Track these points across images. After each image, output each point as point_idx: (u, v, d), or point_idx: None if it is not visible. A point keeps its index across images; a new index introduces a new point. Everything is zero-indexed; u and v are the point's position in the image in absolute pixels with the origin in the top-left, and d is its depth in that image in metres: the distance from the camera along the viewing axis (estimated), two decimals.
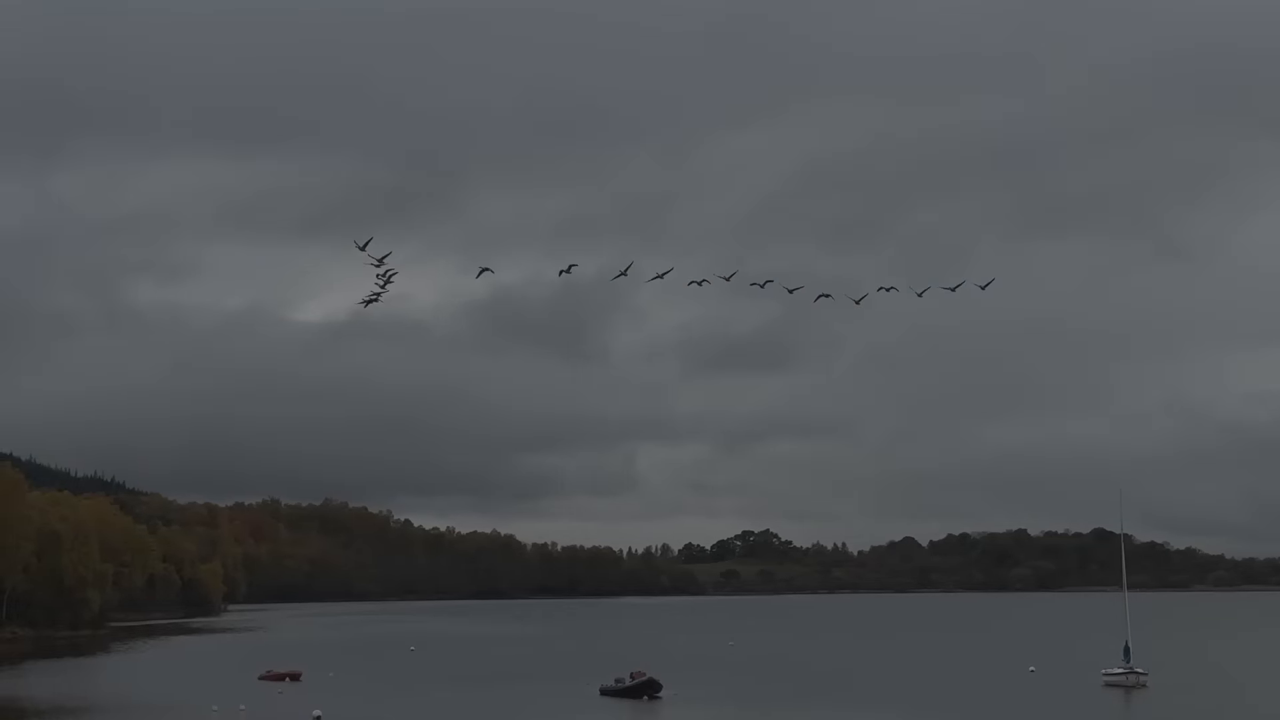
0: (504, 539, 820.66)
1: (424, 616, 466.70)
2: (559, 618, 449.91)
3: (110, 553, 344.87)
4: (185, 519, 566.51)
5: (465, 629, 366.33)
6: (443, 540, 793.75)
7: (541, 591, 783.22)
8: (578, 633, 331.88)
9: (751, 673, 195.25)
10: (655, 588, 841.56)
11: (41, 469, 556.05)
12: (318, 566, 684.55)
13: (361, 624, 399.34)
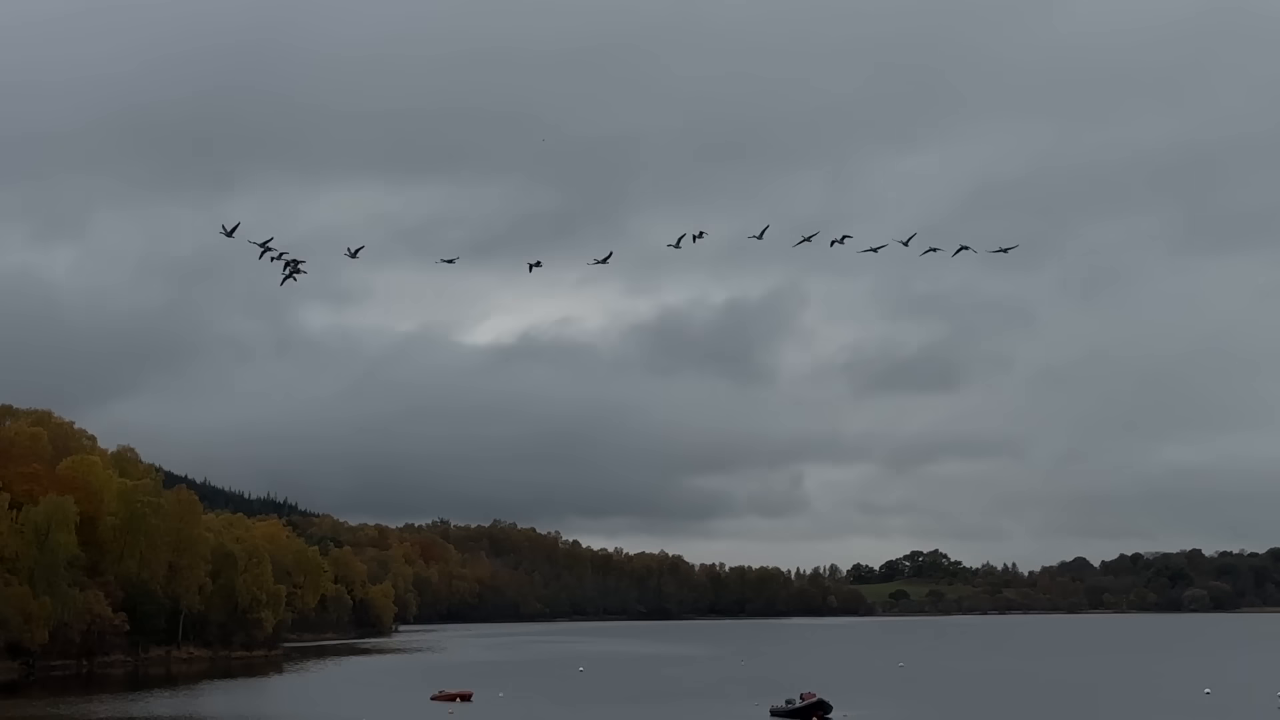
0: (672, 560, 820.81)
1: (592, 637, 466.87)
2: (727, 638, 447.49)
3: (283, 574, 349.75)
4: (356, 540, 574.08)
5: (634, 649, 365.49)
6: (611, 561, 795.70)
7: (710, 612, 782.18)
8: (746, 653, 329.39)
9: (921, 694, 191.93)
10: (823, 608, 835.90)
11: (216, 491, 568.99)
12: (487, 587, 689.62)
13: (530, 644, 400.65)
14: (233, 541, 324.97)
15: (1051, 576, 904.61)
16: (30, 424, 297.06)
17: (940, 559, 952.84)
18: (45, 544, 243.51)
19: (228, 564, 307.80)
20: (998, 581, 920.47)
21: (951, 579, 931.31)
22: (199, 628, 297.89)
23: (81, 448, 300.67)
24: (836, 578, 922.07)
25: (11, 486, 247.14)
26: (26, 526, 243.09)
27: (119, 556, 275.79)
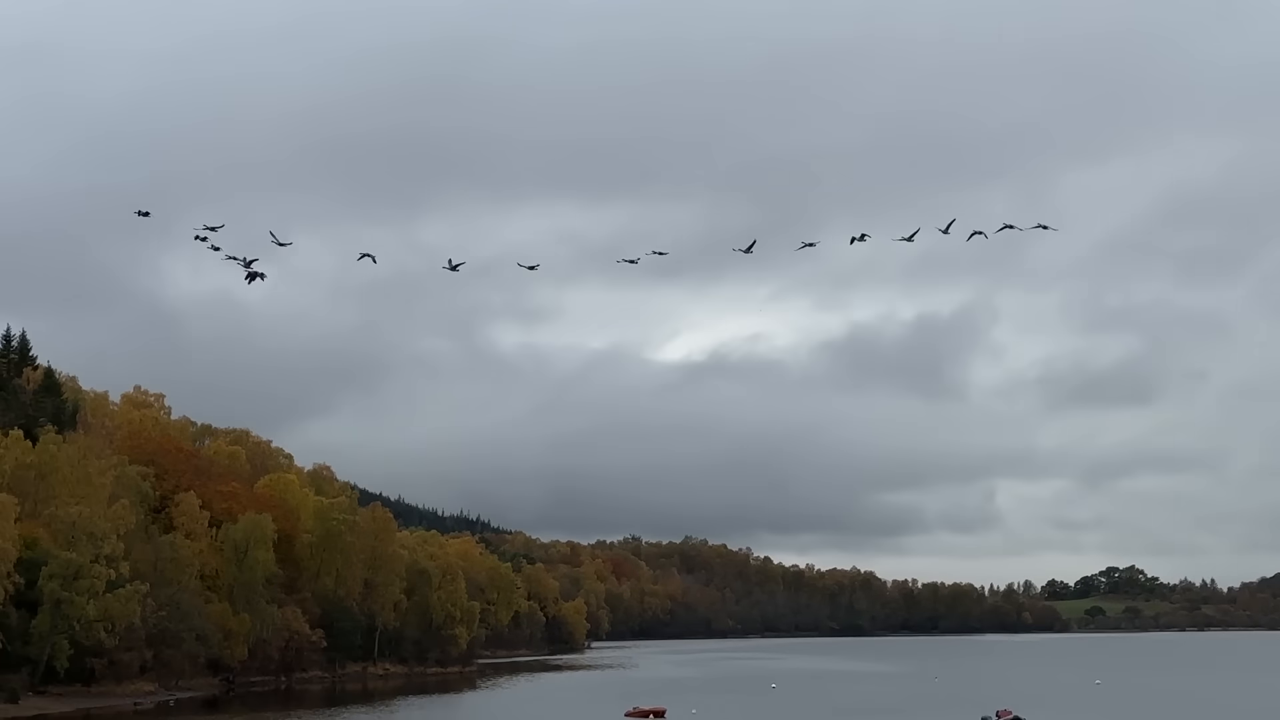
0: (864, 576, 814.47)
1: (784, 653, 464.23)
2: (920, 654, 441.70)
3: (476, 591, 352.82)
4: (548, 557, 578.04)
5: (826, 665, 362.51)
6: (802, 577, 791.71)
7: (902, 628, 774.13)
8: (940, 670, 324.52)
9: (1119, 712, 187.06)
10: (1017, 625, 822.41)
11: (410, 509, 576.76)
12: (678, 604, 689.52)
13: (722, 661, 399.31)
14: (427, 559, 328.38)
15: (1251, 593, 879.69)
16: (229, 443, 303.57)
17: (1137, 575, 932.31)
18: (244, 561, 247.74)
19: (422, 581, 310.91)
20: (1196, 598, 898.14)
21: (1148, 595, 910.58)
22: (394, 644, 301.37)
23: (279, 466, 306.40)
24: (1030, 594, 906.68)
25: (211, 505, 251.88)
26: (226, 544, 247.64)
27: (315, 574, 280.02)
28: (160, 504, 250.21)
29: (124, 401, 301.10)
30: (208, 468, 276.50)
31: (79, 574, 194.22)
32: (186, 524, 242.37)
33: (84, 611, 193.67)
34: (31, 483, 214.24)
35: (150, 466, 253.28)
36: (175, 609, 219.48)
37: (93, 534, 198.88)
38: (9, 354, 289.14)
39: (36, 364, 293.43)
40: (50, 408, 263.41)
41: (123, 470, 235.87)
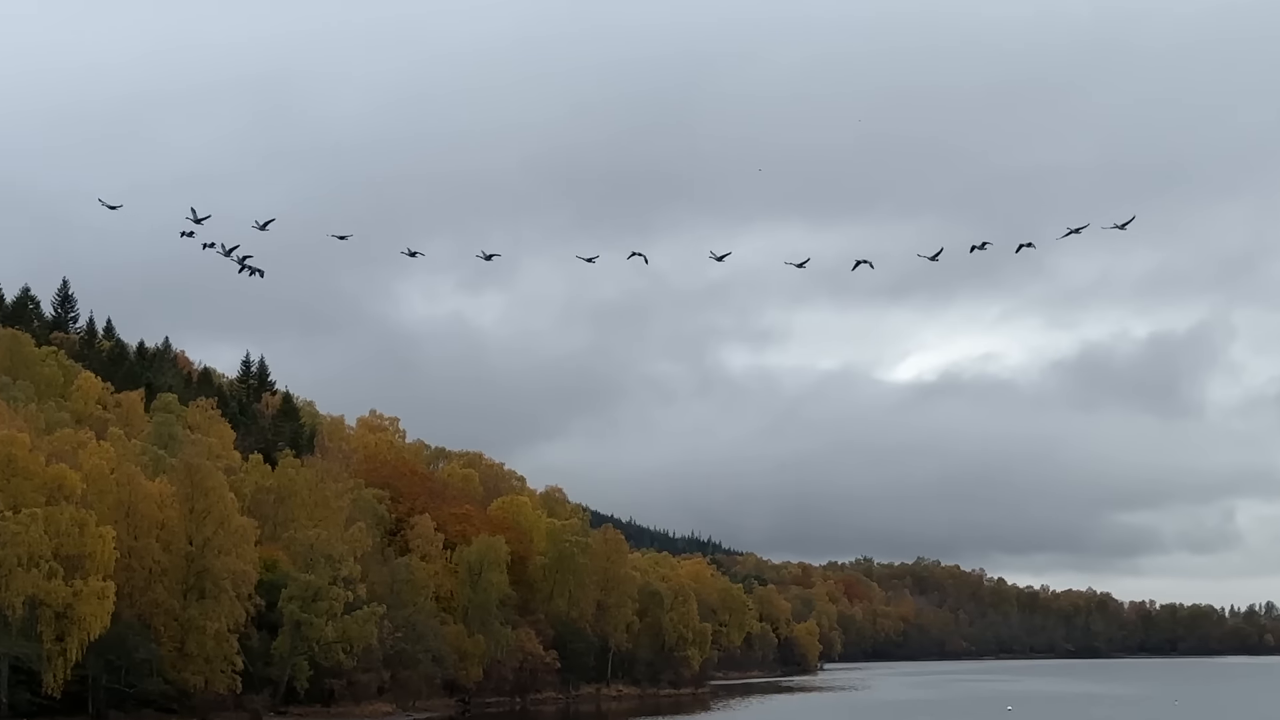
0: (1100, 597, 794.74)
1: (1019, 675, 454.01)
2: (1158, 677, 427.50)
3: (708, 612, 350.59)
4: (780, 578, 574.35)
5: (1062, 688, 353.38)
6: (1037, 599, 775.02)
7: (1139, 650, 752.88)
8: (1179, 693, 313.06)
9: None
10: (1259, 647, 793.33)
11: (642, 530, 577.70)
12: (911, 625, 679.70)
13: (956, 683, 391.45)
14: (659, 580, 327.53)
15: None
16: (463, 466, 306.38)
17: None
18: (478, 583, 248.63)
19: (654, 602, 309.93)
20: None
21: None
22: (627, 665, 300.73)
23: (511, 488, 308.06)
24: (1274, 615, 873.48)
25: (446, 527, 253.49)
26: (461, 566, 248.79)
27: (549, 595, 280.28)
28: (396, 527, 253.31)
29: (360, 425, 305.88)
30: (442, 490, 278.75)
31: (318, 596, 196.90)
32: (422, 546, 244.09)
33: (323, 633, 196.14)
34: (271, 506, 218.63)
35: (386, 489, 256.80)
36: (411, 631, 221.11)
37: (330, 556, 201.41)
38: (249, 379, 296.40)
39: (275, 389, 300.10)
40: (289, 432, 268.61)
41: (359, 493, 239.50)
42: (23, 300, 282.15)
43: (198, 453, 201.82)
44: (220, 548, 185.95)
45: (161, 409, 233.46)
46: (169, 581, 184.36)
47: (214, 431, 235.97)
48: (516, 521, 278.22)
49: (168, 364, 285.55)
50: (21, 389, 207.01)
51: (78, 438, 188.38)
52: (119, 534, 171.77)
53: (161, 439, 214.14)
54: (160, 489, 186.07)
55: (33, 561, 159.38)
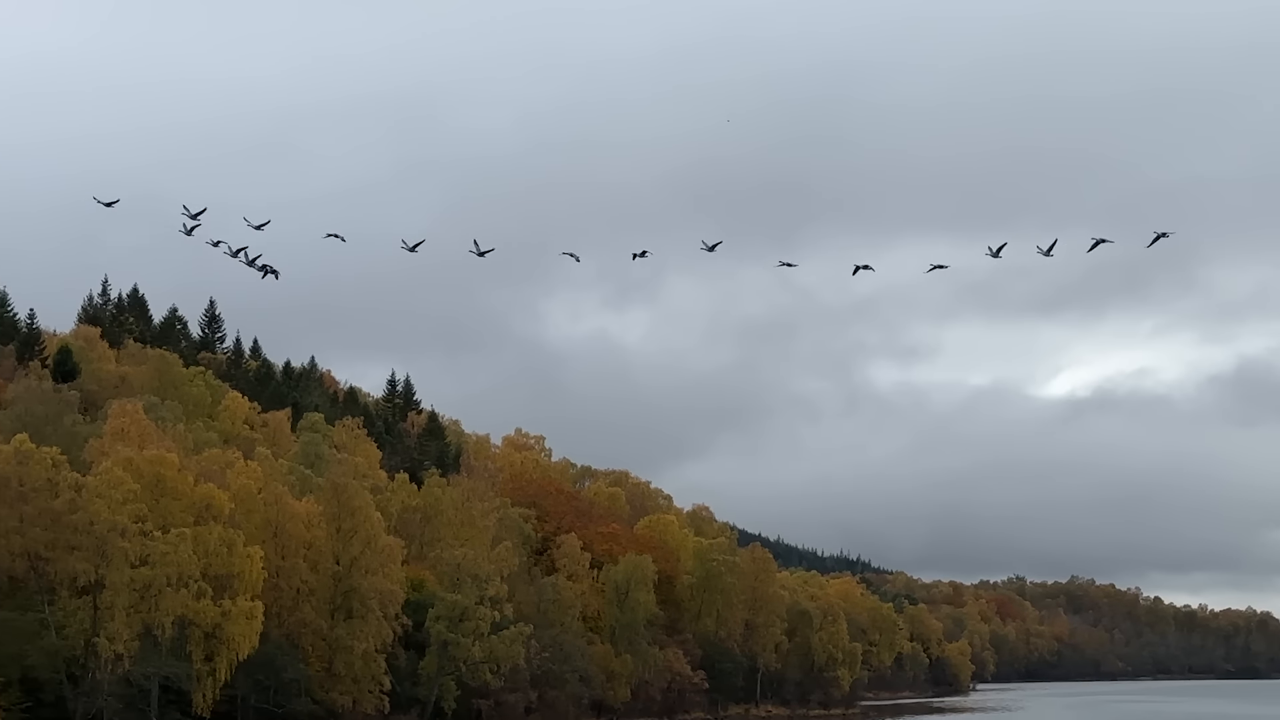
0: (1260, 616, 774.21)
1: (1176, 696, 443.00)
2: None
3: (858, 632, 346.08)
4: (930, 597, 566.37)
5: (1222, 709, 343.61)
6: (1195, 618, 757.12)
7: None
8: None
9: None
10: None
11: (789, 549, 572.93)
12: (1065, 645, 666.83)
13: (1112, 704, 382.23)
14: (807, 599, 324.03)
15: None
16: (609, 484, 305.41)
17: None
18: (625, 603, 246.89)
19: (803, 622, 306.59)
20: None
21: None
22: (776, 685, 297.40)
23: (658, 507, 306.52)
24: None
25: (593, 546, 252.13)
26: (607, 586, 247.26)
27: (696, 615, 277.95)
28: (542, 546, 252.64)
29: (505, 444, 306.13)
30: (588, 509, 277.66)
31: (464, 616, 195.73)
32: (568, 566, 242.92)
33: (470, 653, 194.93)
34: (417, 525, 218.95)
35: (532, 508, 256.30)
36: (558, 650, 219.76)
37: (477, 576, 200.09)
38: (394, 398, 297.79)
39: (421, 408, 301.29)
40: (434, 451, 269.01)
41: (505, 512, 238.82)
42: (170, 320, 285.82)
43: (344, 472, 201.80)
44: (367, 567, 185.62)
45: (308, 428, 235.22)
46: (316, 601, 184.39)
47: (360, 451, 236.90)
48: (663, 540, 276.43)
49: (314, 383, 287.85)
50: (170, 409, 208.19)
51: (225, 457, 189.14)
52: (267, 554, 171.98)
53: (308, 458, 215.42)
54: (307, 508, 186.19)
55: (182, 581, 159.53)
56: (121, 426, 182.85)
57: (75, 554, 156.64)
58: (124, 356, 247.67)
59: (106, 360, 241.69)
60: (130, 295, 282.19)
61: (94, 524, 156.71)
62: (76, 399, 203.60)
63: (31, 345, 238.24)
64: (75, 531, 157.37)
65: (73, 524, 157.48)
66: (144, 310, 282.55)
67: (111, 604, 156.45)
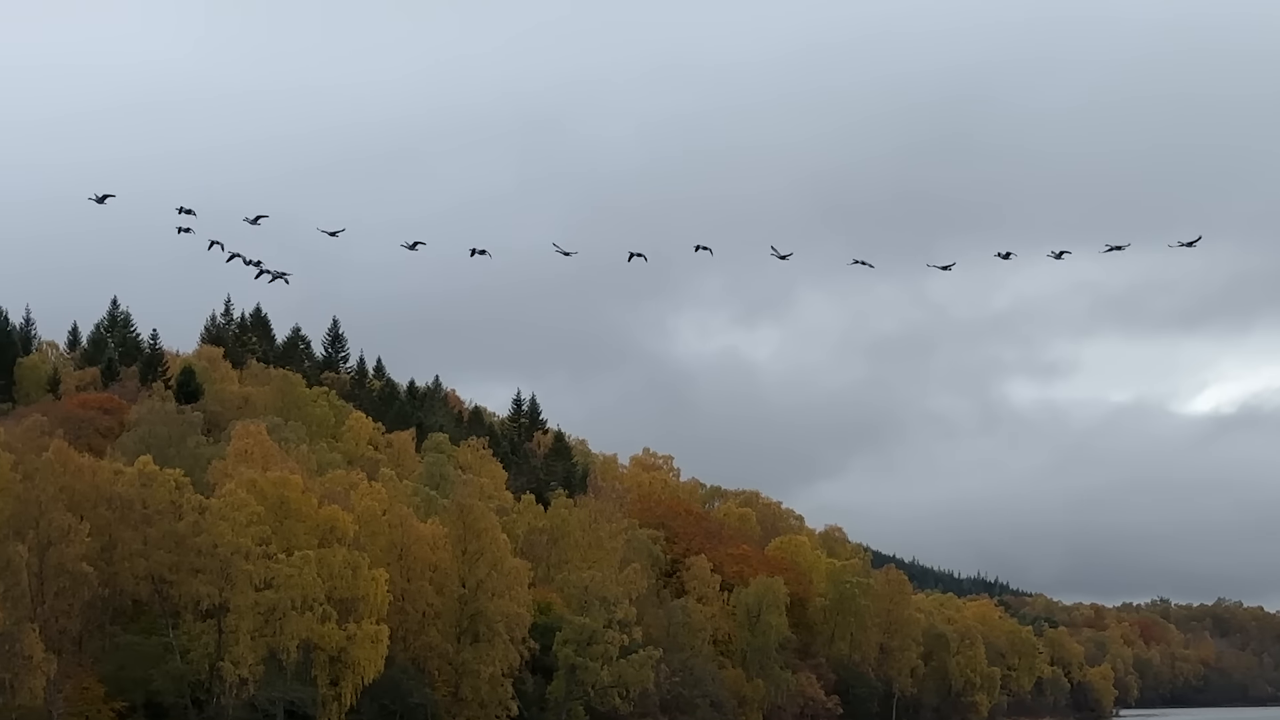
0: None
1: None
2: None
3: (996, 656, 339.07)
4: (1071, 620, 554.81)
5: None
6: None
7: None
8: None
9: None
10: None
11: (925, 570, 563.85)
12: (1212, 669, 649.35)
13: None
14: (944, 622, 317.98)
15: None
16: (739, 505, 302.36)
17: None
18: (757, 626, 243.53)
19: (940, 645, 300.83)
20: None
21: None
22: (912, 710, 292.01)
23: (789, 528, 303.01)
24: None
25: (723, 568, 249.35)
26: (738, 608, 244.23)
27: (829, 638, 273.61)
28: (671, 568, 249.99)
29: (633, 464, 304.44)
30: (718, 530, 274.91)
31: (593, 639, 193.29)
32: (698, 588, 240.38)
33: (598, 677, 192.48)
34: (544, 547, 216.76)
35: (660, 530, 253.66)
36: (688, 674, 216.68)
37: (605, 599, 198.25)
38: (520, 418, 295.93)
39: (547, 427, 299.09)
40: (561, 471, 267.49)
41: (633, 534, 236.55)
42: (293, 340, 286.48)
43: (470, 493, 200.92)
44: (494, 590, 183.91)
45: (433, 449, 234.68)
46: (442, 625, 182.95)
47: (486, 471, 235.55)
48: (795, 562, 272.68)
49: (438, 403, 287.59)
50: (293, 430, 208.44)
51: (350, 479, 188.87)
52: (392, 576, 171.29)
53: (433, 479, 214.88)
54: (432, 530, 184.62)
55: (306, 605, 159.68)
56: (245, 448, 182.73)
57: (199, 577, 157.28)
58: (247, 377, 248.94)
59: (229, 381, 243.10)
60: (253, 314, 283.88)
61: (218, 547, 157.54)
62: (200, 420, 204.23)
63: (155, 366, 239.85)
64: (199, 554, 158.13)
65: (196, 547, 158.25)
66: (267, 330, 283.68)
67: (236, 628, 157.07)
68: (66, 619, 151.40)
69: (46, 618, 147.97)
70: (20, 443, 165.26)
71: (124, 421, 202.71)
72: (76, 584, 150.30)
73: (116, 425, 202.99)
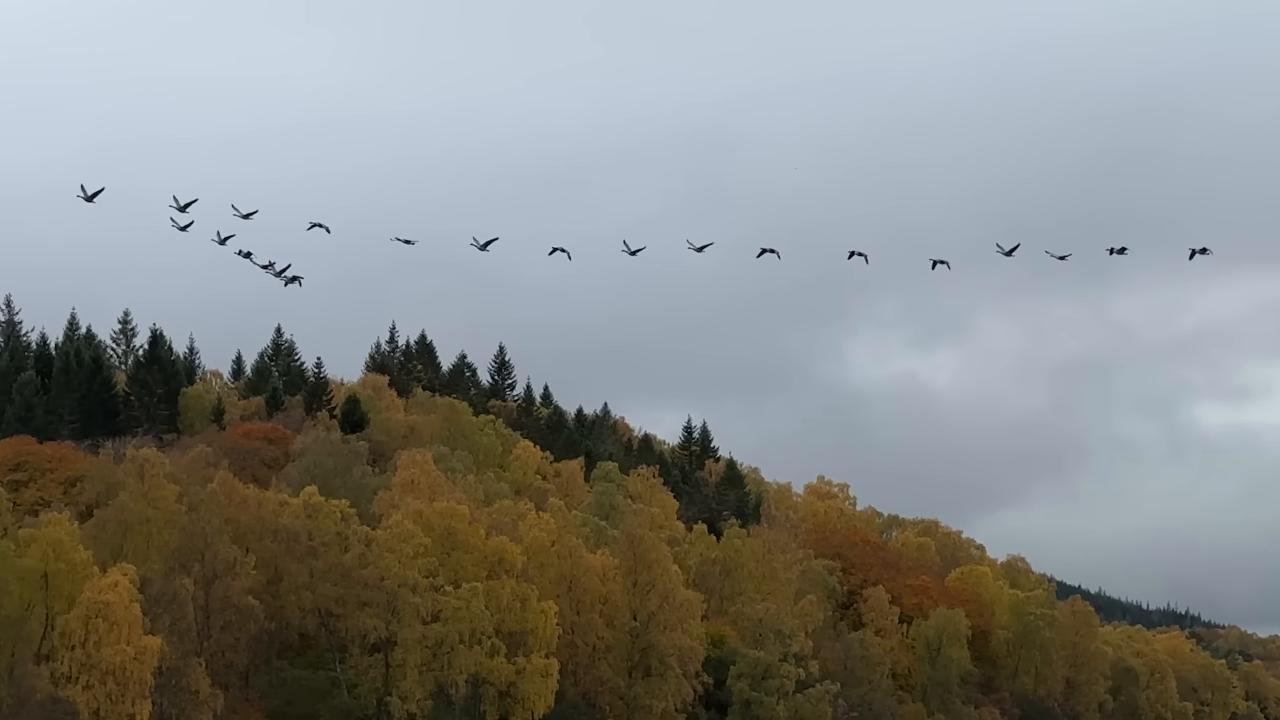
0: None
1: None
2: None
3: (1188, 690, 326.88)
4: (1267, 653, 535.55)
5: None
6: None
7: None
8: None
9: None
10: None
11: (1112, 602, 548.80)
12: None
13: None
14: (1133, 655, 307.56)
15: None
16: (917, 534, 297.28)
17: None
18: (937, 659, 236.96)
19: (1129, 680, 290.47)
20: None
21: None
22: None
23: (970, 558, 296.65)
24: None
25: (901, 600, 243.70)
26: (918, 641, 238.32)
27: (1013, 672, 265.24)
28: (848, 599, 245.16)
29: (807, 492, 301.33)
30: (896, 560, 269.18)
31: (768, 673, 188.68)
32: (876, 620, 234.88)
33: (774, 712, 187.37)
34: (716, 579, 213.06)
35: (836, 560, 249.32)
36: (867, 710, 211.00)
37: (780, 631, 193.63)
38: (691, 446, 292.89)
39: (718, 455, 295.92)
40: (733, 500, 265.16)
41: (809, 564, 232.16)
42: (459, 367, 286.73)
43: (640, 523, 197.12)
44: (665, 623, 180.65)
45: (602, 478, 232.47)
46: (613, 658, 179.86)
47: (656, 501, 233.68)
48: (976, 593, 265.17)
49: (607, 431, 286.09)
50: (460, 459, 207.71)
51: (517, 509, 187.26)
52: (561, 609, 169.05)
53: (602, 509, 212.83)
54: (602, 562, 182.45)
55: (474, 638, 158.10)
56: (411, 478, 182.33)
57: (366, 610, 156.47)
58: (412, 405, 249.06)
59: (395, 409, 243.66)
60: (418, 341, 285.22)
61: (384, 579, 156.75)
62: (365, 450, 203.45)
63: (319, 395, 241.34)
64: (365, 587, 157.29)
65: (363, 579, 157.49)
66: (432, 357, 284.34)
67: (403, 661, 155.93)
68: (233, 653, 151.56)
69: (213, 652, 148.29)
70: (185, 474, 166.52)
71: (288, 452, 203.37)
72: (243, 618, 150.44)
73: (281, 455, 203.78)
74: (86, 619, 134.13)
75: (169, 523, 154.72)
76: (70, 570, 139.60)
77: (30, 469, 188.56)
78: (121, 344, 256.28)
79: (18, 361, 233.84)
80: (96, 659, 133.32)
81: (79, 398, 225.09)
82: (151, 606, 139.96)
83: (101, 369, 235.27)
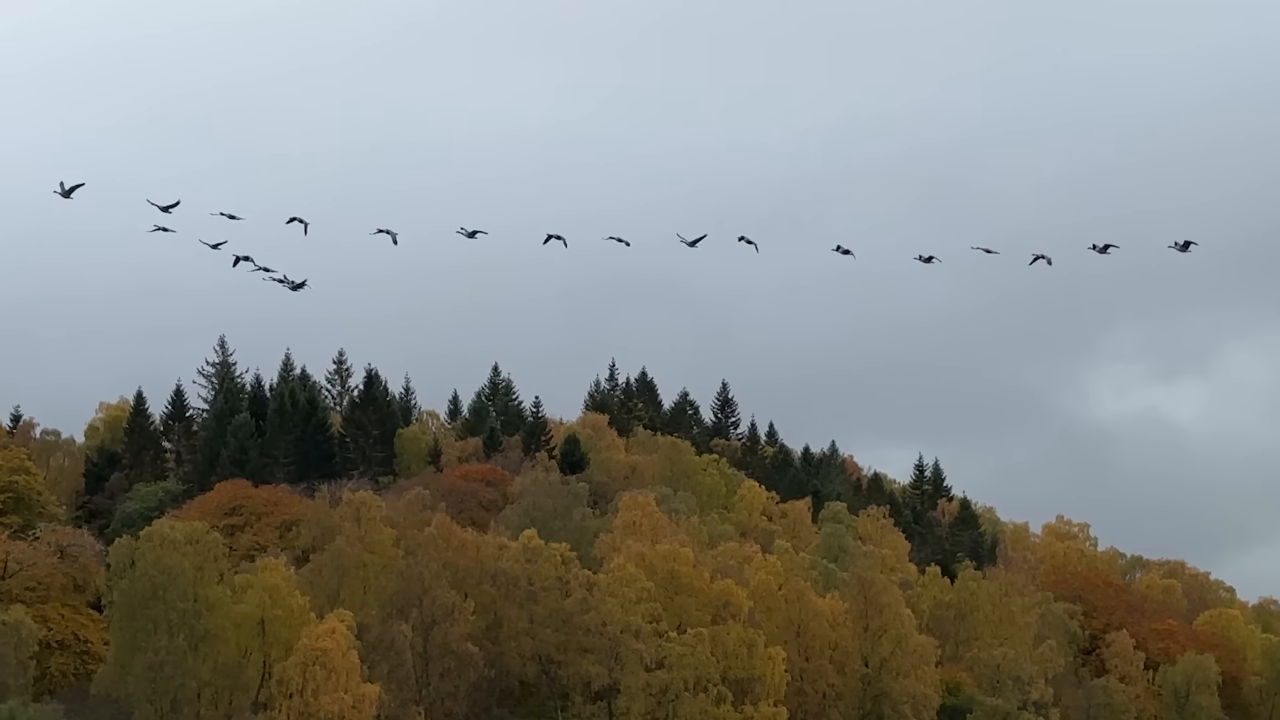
0: None
1: None
2: None
3: None
4: None
5: None
6: None
7: None
8: None
9: None
10: None
11: None
12: None
13: None
14: None
15: None
16: (1162, 576, 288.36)
17: None
18: (1185, 707, 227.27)
19: None
20: None
21: None
22: None
23: (1219, 600, 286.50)
24: None
25: (1146, 645, 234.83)
26: (1164, 688, 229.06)
27: None
28: (1090, 644, 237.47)
29: (1045, 532, 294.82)
30: (1140, 604, 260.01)
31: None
32: (1120, 666, 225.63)
33: None
34: (951, 623, 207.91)
35: (1077, 603, 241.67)
36: None
37: (1019, 678, 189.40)
38: (923, 485, 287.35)
39: (951, 494, 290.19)
40: (967, 541, 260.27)
41: (1048, 608, 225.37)
42: (681, 405, 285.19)
43: (871, 565, 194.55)
44: (898, 669, 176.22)
45: (830, 519, 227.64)
46: (844, 706, 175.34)
47: (887, 542, 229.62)
48: (1226, 638, 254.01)
49: (835, 470, 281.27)
50: (683, 500, 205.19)
51: (743, 551, 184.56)
52: (789, 655, 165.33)
53: (831, 551, 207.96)
54: (832, 606, 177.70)
55: (700, 685, 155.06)
56: (633, 519, 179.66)
57: (588, 657, 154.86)
58: (633, 445, 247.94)
59: (615, 449, 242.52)
60: (639, 379, 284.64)
61: (606, 625, 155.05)
62: (585, 491, 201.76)
63: (538, 435, 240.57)
64: (587, 633, 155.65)
65: (584, 625, 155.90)
66: (653, 395, 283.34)
67: (627, 710, 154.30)
68: (452, 701, 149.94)
69: (432, 700, 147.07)
70: (402, 517, 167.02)
71: (507, 493, 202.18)
72: (462, 664, 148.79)
73: (499, 497, 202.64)
74: (304, 666, 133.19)
75: (386, 567, 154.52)
76: (287, 616, 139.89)
77: (246, 513, 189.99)
78: (336, 385, 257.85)
79: (232, 404, 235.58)
80: (315, 707, 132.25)
81: (294, 440, 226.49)
82: (369, 653, 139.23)
83: (316, 410, 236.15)
